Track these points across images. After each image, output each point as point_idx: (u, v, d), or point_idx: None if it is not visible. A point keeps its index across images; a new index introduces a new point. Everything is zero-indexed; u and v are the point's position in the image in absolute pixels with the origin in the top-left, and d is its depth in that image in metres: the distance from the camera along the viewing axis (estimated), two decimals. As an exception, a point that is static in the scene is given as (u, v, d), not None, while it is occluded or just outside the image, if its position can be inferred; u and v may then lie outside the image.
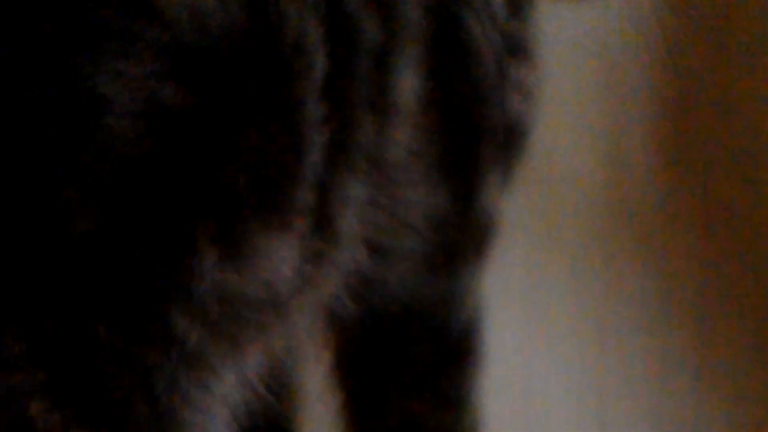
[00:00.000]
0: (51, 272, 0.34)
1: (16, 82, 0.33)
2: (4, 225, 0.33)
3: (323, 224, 0.42)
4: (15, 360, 0.34)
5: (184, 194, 0.36)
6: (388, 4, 0.45)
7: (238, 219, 0.38)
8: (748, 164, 0.80)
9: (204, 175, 0.36)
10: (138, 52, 0.34)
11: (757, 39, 0.79)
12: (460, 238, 0.52)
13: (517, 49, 0.54)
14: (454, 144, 0.50)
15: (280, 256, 0.40)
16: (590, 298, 0.81)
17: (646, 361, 0.81)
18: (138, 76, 0.34)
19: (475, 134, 0.52)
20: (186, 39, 0.35)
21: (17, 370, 0.34)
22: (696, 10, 0.67)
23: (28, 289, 0.34)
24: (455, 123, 0.50)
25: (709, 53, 0.77)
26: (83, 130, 0.34)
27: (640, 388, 0.81)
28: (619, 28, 0.65)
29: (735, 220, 0.80)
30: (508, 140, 0.53)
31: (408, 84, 0.46)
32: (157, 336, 0.36)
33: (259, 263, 0.39)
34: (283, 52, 0.38)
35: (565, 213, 0.77)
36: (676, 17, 0.57)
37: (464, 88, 0.51)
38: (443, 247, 0.52)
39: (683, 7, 0.61)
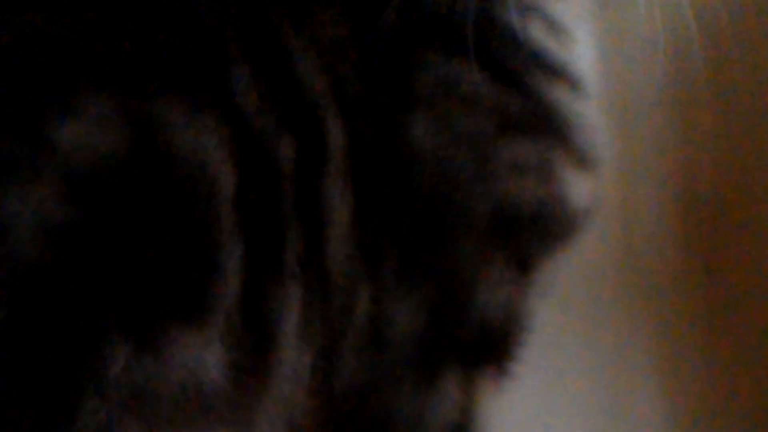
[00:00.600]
0: None
1: None
2: None
3: (254, 326, 0.46)
4: None
5: (90, 293, 0.42)
6: (306, 120, 0.48)
7: (149, 313, 0.43)
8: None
9: (102, 277, 0.42)
10: (36, 179, 0.41)
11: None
12: (445, 350, 0.51)
13: (514, 125, 0.51)
14: (414, 248, 0.50)
15: (200, 354, 0.43)
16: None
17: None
18: (37, 199, 0.41)
19: (441, 233, 0.50)
20: (76, 166, 0.42)
21: None
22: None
23: None
24: (410, 227, 0.50)
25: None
26: None
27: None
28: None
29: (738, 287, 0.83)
30: (508, 227, 0.51)
31: (337, 196, 0.48)
32: (65, 411, 0.41)
33: (176, 357, 0.43)
34: (176, 170, 0.44)
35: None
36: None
37: (410, 189, 0.50)
38: (423, 359, 0.51)
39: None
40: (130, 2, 0.47)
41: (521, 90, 0.52)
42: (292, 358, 0.47)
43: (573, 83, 0.55)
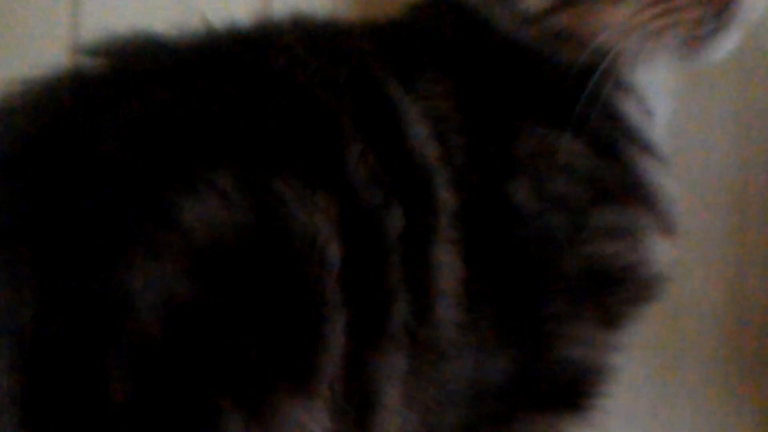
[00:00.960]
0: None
1: (72, 278, 0.43)
2: (53, 392, 0.42)
3: (357, 394, 0.48)
4: None
5: (208, 366, 0.43)
6: (416, 189, 0.51)
7: (260, 384, 0.44)
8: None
9: (221, 352, 0.44)
10: (161, 256, 0.43)
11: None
12: (527, 400, 0.54)
13: (608, 193, 0.55)
14: (511, 308, 0.53)
15: (306, 424, 0.45)
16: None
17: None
18: (161, 276, 0.42)
19: (536, 291, 0.53)
20: (200, 242, 0.43)
21: None
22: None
23: None
24: (508, 288, 0.53)
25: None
26: (116, 320, 0.42)
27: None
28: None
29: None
30: (597, 287, 0.54)
31: (446, 262, 0.51)
32: None
33: (284, 427, 0.45)
34: (291, 247, 0.46)
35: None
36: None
37: (512, 252, 0.53)
38: (501, 409, 0.54)
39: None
40: (249, 82, 0.50)
41: (616, 161, 0.56)
42: (396, 424, 0.49)
43: (658, 157, 0.59)
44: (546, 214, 0.53)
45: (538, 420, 0.55)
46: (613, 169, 0.55)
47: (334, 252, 0.46)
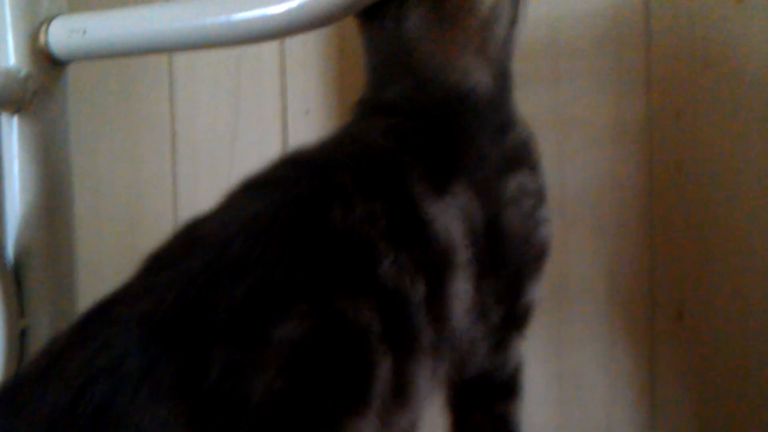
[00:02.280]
0: None
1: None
2: None
3: (402, 396, 0.69)
4: None
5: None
6: (437, 263, 0.72)
7: (335, 414, 0.64)
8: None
9: (314, 413, 0.64)
10: (265, 367, 0.61)
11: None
12: (508, 328, 0.79)
13: (542, 196, 0.80)
14: (505, 283, 0.78)
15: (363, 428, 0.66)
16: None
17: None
18: (264, 380, 0.61)
19: (518, 271, 0.79)
20: (287, 352, 0.63)
21: None
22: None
23: None
24: (505, 284, 0.78)
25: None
26: (242, 408, 0.60)
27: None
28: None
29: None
30: (542, 258, 0.80)
31: (462, 291, 0.72)
32: None
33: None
34: (351, 335, 0.65)
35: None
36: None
37: (506, 260, 0.77)
38: (498, 338, 0.79)
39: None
40: (312, 240, 0.67)
41: (541, 179, 0.81)
42: (425, 401, 0.72)
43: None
44: (524, 224, 0.78)
45: (515, 339, 0.81)
46: (541, 183, 0.81)
47: (376, 325, 0.65)
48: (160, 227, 1.04)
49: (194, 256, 0.67)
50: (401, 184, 0.73)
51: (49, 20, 0.91)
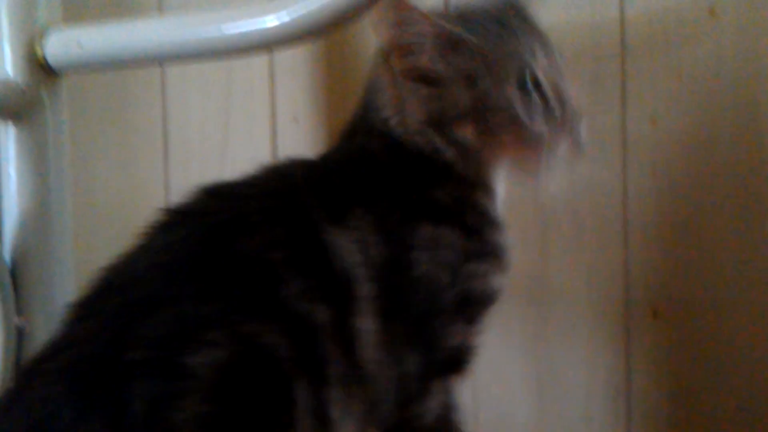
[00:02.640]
0: None
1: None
2: None
3: (321, 421, 0.73)
4: None
5: None
6: (339, 288, 0.74)
7: None
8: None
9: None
10: (186, 395, 0.66)
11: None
12: (429, 377, 0.79)
13: (471, 255, 0.80)
14: (416, 328, 0.77)
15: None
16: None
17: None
18: (190, 406, 0.66)
19: (429, 316, 0.78)
20: (208, 379, 0.67)
21: None
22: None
23: None
24: (413, 318, 0.77)
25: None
26: None
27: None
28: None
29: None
30: (466, 305, 0.80)
31: (366, 324, 0.74)
32: None
33: None
34: (263, 359, 0.69)
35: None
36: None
37: (414, 299, 0.77)
38: (416, 387, 0.79)
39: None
40: (223, 267, 0.71)
41: (479, 238, 0.81)
42: (344, 425, 0.74)
43: (500, 226, 0.85)
44: (437, 273, 0.78)
45: (439, 383, 0.81)
46: (477, 242, 0.81)
47: (284, 349, 0.69)
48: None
49: (109, 300, 0.71)
50: (304, 213, 0.76)
51: (45, 32, 0.93)
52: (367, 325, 0.76)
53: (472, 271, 0.81)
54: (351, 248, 0.76)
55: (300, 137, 1.27)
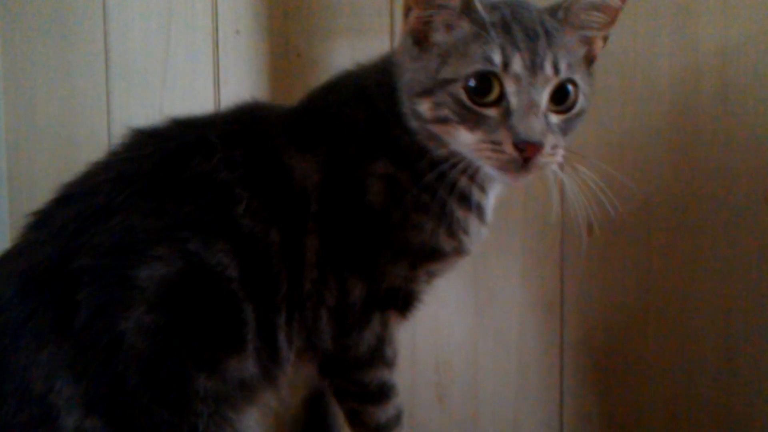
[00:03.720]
0: None
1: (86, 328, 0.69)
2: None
3: (267, 346, 0.77)
4: None
5: (176, 350, 0.70)
6: (294, 208, 0.78)
7: (214, 355, 0.72)
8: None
9: (187, 340, 0.71)
10: (131, 305, 0.70)
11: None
12: (369, 308, 0.83)
13: (425, 208, 0.83)
14: (361, 260, 0.82)
15: (245, 367, 0.74)
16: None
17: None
18: (135, 316, 0.70)
19: (377, 250, 0.82)
20: (151, 291, 0.71)
21: None
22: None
23: None
24: (361, 249, 0.81)
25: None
26: (117, 345, 0.69)
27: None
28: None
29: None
30: (407, 249, 0.83)
31: (310, 244, 0.79)
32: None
33: (232, 372, 0.72)
34: (208, 275, 0.72)
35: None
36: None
37: (364, 230, 0.81)
38: (354, 317, 0.82)
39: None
40: (175, 183, 0.74)
41: (433, 196, 0.82)
42: (287, 352, 0.78)
43: (481, 218, 0.88)
44: (388, 206, 0.80)
45: (378, 315, 0.83)
46: (429, 197, 0.82)
47: (234, 270, 0.73)
48: (94, 142, 1.04)
49: (65, 209, 0.73)
50: (267, 138, 0.79)
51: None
52: (317, 243, 0.78)
53: (418, 221, 0.82)
54: (312, 169, 0.79)
55: (242, 50, 1.26)
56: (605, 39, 0.85)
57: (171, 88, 1.13)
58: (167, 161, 0.76)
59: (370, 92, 0.85)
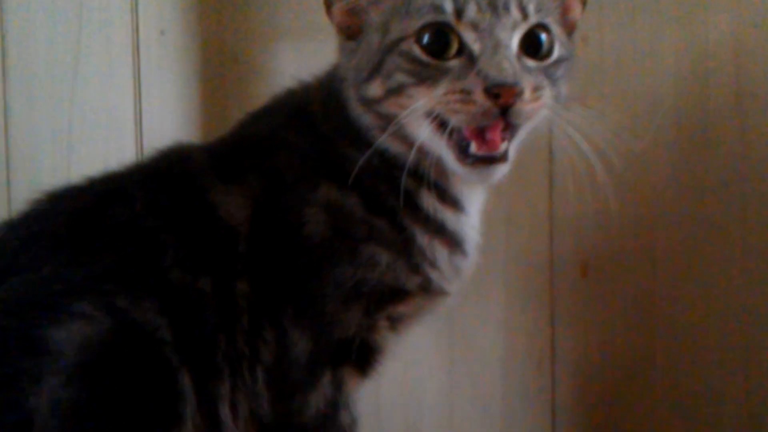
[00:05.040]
0: None
1: None
2: None
3: (207, 416, 0.72)
4: None
5: None
6: (223, 251, 0.74)
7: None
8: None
9: (109, 424, 0.66)
10: (41, 377, 0.63)
11: None
12: (318, 365, 0.77)
13: (381, 238, 0.77)
14: (303, 307, 0.76)
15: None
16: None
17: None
18: (48, 390, 0.64)
19: (318, 295, 0.76)
20: (69, 358, 0.65)
21: None
22: None
23: None
24: (301, 294, 0.76)
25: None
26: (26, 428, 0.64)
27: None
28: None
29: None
30: (361, 294, 0.76)
31: (242, 289, 0.75)
32: None
33: None
34: (136, 339, 0.67)
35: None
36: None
37: (301, 267, 0.76)
38: (301, 377, 0.76)
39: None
40: (98, 232, 0.71)
41: (391, 222, 0.75)
42: (232, 427, 0.73)
43: (453, 240, 0.79)
44: (332, 240, 0.74)
45: (328, 375, 0.76)
46: (385, 224, 0.76)
47: (166, 332, 0.68)
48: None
49: None
50: (193, 178, 0.77)
51: None
52: (247, 288, 0.74)
53: (370, 254, 0.75)
54: (238, 204, 0.75)
55: (168, 54, 1.19)
56: (583, 3, 0.83)
57: (82, 102, 1.10)
58: (83, 214, 0.74)
59: (311, 112, 0.81)
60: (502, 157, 0.71)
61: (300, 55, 1.20)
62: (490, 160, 0.71)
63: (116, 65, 1.13)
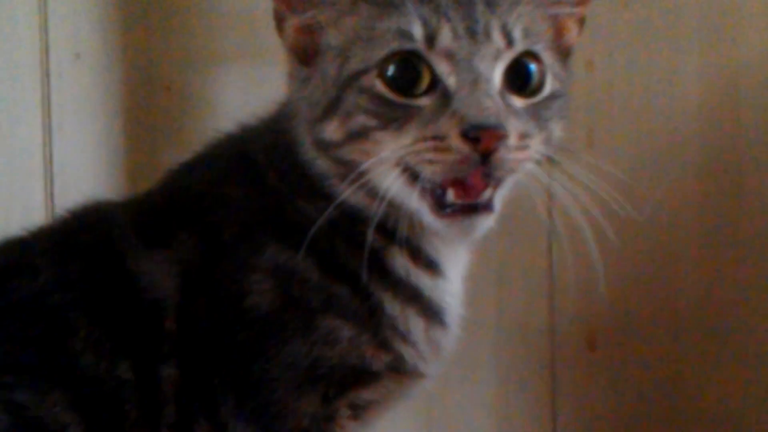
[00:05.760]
0: None
1: None
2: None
3: None
4: None
5: None
6: (146, 327, 0.70)
7: None
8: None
9: None
10: None
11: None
12: None
13: (339, 308, 0.72)
14: (249, 389, 0.71)
15: None
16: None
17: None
18: None
19: (263, 377, 0.70)
20: None
21: None
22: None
23: None
24: (243, 373, 0.71)
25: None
26: None
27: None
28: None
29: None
30: (320, 375, 0.71)
31: (168, 374, 0.69)
32: None
33: None
34: None
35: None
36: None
37: (242, 344, 0.71)
38: None
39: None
40: None
41: (353, 289, 0.69)
42: None
43: (430, 310, 0.72)
44: (282, 312, 0.69)
45: None
46: (345, 291, 0.69)
47: (75, 429, 0.64)
48: None
49: None
50: (111, 242, 0.73)
51: None
52: (175, 374, 0.70)
53: (328, 328, 0.70)
54: (164, 271, 0.72)
55: (85, 78, 1.13)
56: (581, 23, 0.77)
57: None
58: None
59: (255, 160, 0.76)
60: (486, 206, 0.66)
61: (245, 82, 1.16)
62: (472, 210, 0.66)
63: (22, 95, 1.09)
